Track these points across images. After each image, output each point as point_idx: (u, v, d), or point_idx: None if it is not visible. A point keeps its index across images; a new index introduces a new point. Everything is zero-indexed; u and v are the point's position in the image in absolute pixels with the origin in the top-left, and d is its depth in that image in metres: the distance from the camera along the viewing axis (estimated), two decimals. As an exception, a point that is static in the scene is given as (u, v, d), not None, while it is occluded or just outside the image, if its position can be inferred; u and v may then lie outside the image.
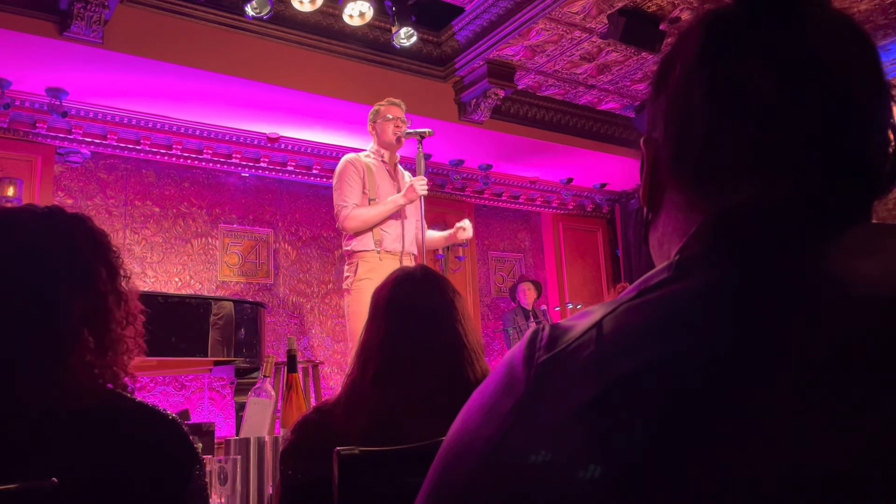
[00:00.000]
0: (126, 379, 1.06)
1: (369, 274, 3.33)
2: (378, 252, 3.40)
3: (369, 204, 3.44)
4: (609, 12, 4.89)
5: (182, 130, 5.52)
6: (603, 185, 7.51)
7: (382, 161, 3.58)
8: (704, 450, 0.38)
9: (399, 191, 3.51)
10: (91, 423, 0.96)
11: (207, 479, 1.21)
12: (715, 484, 0.37)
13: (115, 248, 1.10)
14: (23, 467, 0.88)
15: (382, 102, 3.60)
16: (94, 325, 1.02)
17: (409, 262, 3.45)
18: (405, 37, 4.93)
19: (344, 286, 3.51)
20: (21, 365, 0.95)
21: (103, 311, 1.04)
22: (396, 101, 3.60)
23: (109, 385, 1.03)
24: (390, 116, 3.53)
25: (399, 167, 3.68)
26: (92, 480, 0.92)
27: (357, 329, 3.40)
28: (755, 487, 0.37)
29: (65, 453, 0.92)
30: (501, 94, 5.60)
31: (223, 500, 1.47)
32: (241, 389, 4.03)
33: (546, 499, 0.41)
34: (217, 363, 4.04)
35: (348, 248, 3.48)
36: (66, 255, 1.03)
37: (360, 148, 3.70)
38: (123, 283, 1.09)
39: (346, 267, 3.53)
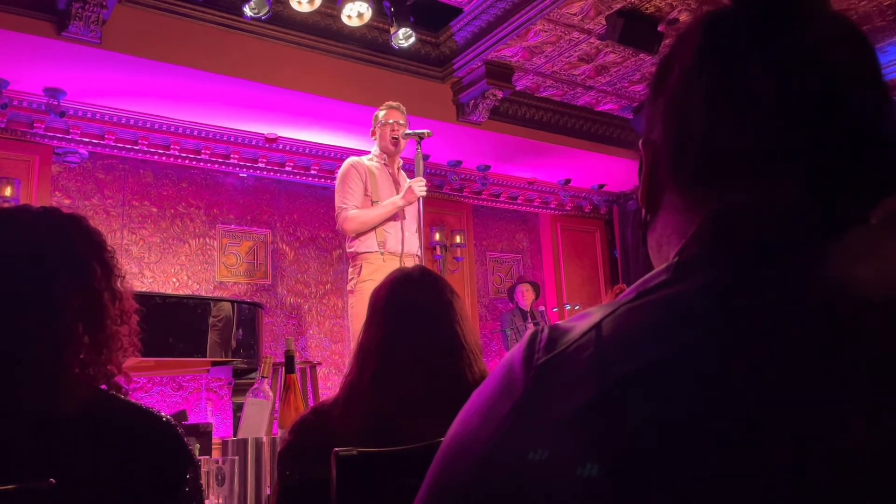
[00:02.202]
0: (120, 379, 1.06)
1: (373, 275, 3.34)
2: (382, 253, 3.43)
3: (372, 206, 3.46)
4: (607, 13, 4.90)
5: (180, 130, 5.51)
6: (601, 186, 7.51)
7: (385, 164, 3.61)
8: (702, 452, 0.38)
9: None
10: (84, 426, 0.96)
11: (204, 481, 1.21)
12: (712, 486, 0.37)
13: (110, 248, 1.11)
14: (16, 468, 0.88)
15: (383, 107, 3.63)
16: (89, 322, 1.02)
17: (409, 264, 3.46)
18: (403, 37, 4.92)
19: (348, 287, 3.54)
20: (17, 362, 0.95)
21: (99, 307, 1.04)
22: (395, 104, 3.62)
23: (103, 386, 1.03)
24: (390, 121, 3.55)
25: (402, 171, 3.71)
26: (85, 483, 0.91)
27: (359, 330, 3.41)
28: (753, 489, 0.37)
29: (58, 455, 0.92)
30: (500, 94, 5.60)
31: (221, 501, 1.46)
32: (239, 390, 4.02)
33: (544, 500, 0.41)
34: (215, 364, 4.04)
35: (351, 249, 3.51)
36: (63, 253, 1.03)
37: (357, 148, 3.72)
38: (118, 282, 1.09)
39: (349, 269, 3.56)
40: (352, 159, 3.59)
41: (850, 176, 0.48)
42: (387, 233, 3.45)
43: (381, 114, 3.61)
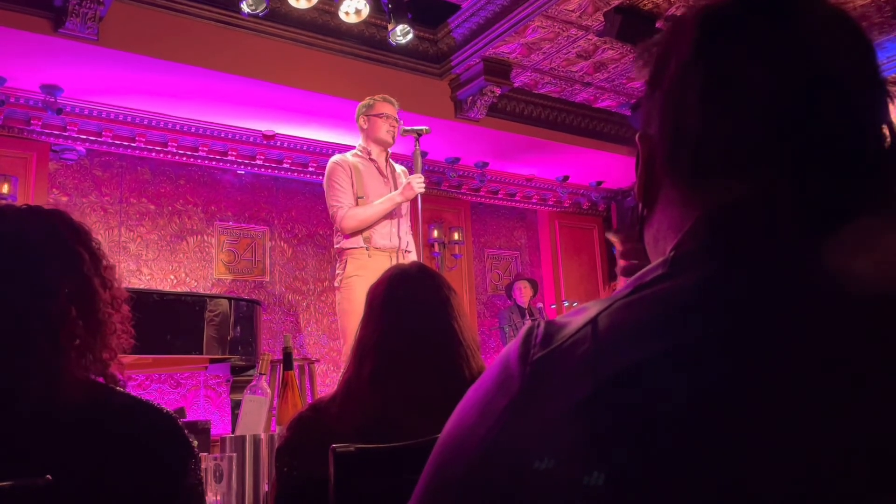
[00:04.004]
0: (115, 369, 1.06)
1: (358, 271, 3.33)
2: (367, 249, 3.39)
3: (357, 202, 3.41)
4: (605, 10, 4.89)
5: (177, 127, 5.50)
6: (599, 183, 7.51)
7: (370, 159, 3.53)
8: (699, 448, 0.38)
9: (390, 186, 3.49)
10: (84, 420, 0.96)
11: (203, 476, 1.21)
12: (709, 484, 0.37)
13: (95, 239, 1.11)
14: (15, 464, 0.87)
15: (376, 97, 3.55)
16: (81, 306, 1.02)
17: (403, 259, 3.44)
18: (401, 34, 4.91)
19: (335, 283, 3.51)
20: (14, 354, 0.95)
21: (90, 293, 1.04)
22: (390, 98, 3.58)
23: (100, 379, 1.03)
24: (385, 114, 3.50)
25: (390, 162, 3.63)
26: (86, 477, 0.91)
27: (347, 325, 3.42)
28: (750, 487, 0.37)
29: (57, 450, 0.92)
30: (497, 91, 5.59)
31: (219, 498, 1.46)
32: (237, 387, 4.02)
33: (540, 497, 0.40)
34: (213, 361, 4.04)
35: (338, 245, 3.49)
36: (50, 242, 1.04)
37: (356, 145, 3.68)
38: (107, 271, 1.10)
39: (337, 264, 3.53)
40: (335, 157, 3.54)
41: (846, 171, 0.48)
42: (373, 229, 3.42)
43: (375, 104, 3.52)
